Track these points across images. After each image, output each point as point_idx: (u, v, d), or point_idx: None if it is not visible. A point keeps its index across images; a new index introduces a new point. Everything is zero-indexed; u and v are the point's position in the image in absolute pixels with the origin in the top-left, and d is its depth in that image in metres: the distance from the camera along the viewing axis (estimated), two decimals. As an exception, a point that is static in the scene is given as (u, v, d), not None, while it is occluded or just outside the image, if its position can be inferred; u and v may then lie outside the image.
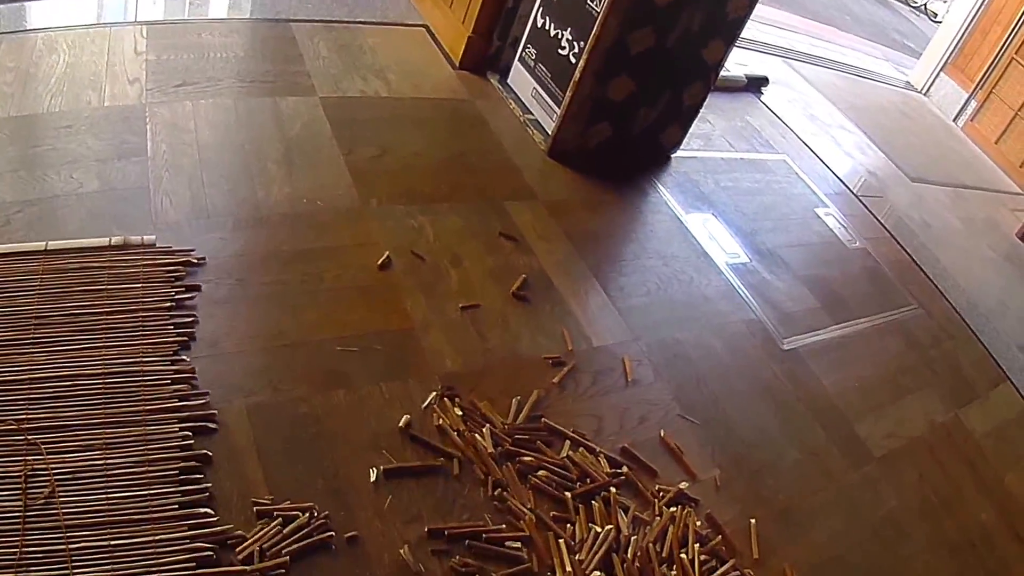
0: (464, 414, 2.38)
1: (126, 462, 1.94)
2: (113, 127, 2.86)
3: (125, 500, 1.87)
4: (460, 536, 2.08)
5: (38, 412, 1.98)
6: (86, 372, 2.10)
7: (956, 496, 2.98)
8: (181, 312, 2.35)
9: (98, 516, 1.82)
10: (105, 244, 2.46)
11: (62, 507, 1.81)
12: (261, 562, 1.85)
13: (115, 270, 2.40)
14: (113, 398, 2.07)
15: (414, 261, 2.84)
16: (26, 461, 1.87)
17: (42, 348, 2.13)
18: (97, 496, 1.86)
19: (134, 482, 1.91)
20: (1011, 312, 4.47)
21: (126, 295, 2.34)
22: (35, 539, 1.75)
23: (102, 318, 2.25)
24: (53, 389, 2.04)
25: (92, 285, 2.33)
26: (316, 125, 3.25)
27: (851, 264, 4.09)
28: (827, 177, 4.78)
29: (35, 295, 2.25)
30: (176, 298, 2.38)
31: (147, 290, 2.37)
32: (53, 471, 1.87)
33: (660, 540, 2.29)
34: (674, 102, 3.84)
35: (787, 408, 2.99)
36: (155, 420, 2.05)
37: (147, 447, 1.99)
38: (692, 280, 3.39)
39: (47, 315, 2.21)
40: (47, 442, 1.92)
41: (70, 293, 2.29)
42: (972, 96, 6.70)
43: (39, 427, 1.95)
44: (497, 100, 3.92)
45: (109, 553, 1.76)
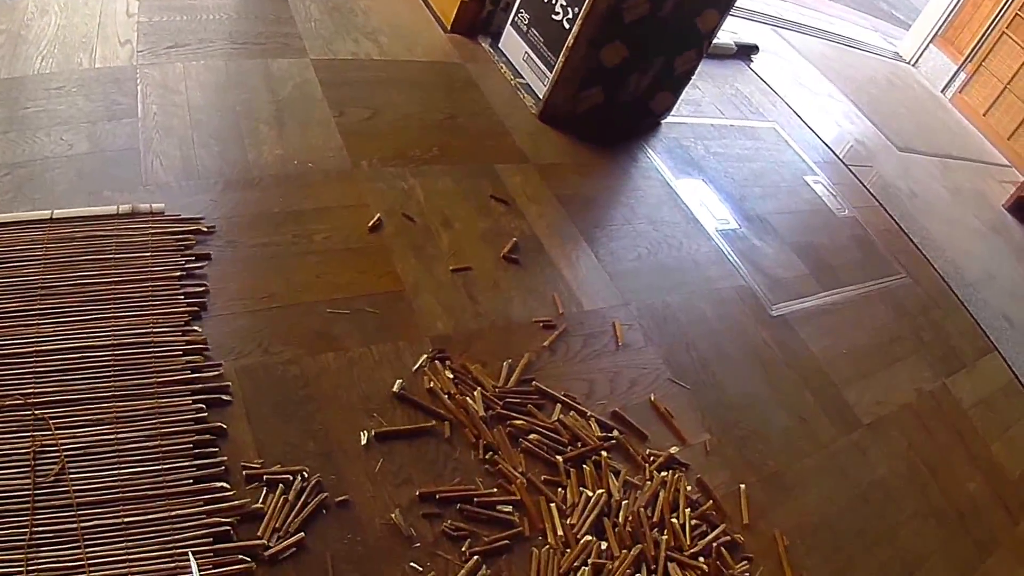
0: (455, 377, 2.36)
1: (138, 436, 1.90)
2: (104, 88, 2.81)
3: (138, 476, 1.84)
4: (451, 500, 2.07)
5: (46, 386, 1.93)
6: (95, 344, 2.05)
7: (944, 464, 2.99)
8: (191, 281, 2.31)
9: (110, 493, 1.79)
10: (112, 212, 2.40)
11: (72, 484, 1.77)
12: (279, 540, 1.84)
13: (123, 239, 2.34)
14: (123, 370, 2.02)
15: (405, 223, 2.81)
16: (34, 437, 1.83)
17: (49, 319, 2.08)
18: (109, 472, 1.82)
19: (147, 457, 1.87)
20: (997, 282, 4.48)
21: (135, 264, 2.29)
22: (46, 518, 1.71)
23: (110, 288, 2.20)
24: (61, 362, 1.99)
25: (99, 254, 2.27)
26: (307, 87, 3.20)
27: (840, 232, 4.08)
28: (816, 145, 4.77)
29: (40, 265, 2.19)
30: (186, 267, 2.34)
31: (156, 259, 2.32)
32: (62, 447, 1.83)
33: (651, 505, 2.29)
34: (666, 69, 3.80)
35: (776, 374, 2.99)
36: (167, 392, 2.01)
37: (160, 420, 1.95)
38: (682, 245, 3.37)
39: (53, 285, 2.15)
40: (56, 417, 1.88)
41: (77, 263, 2.23)
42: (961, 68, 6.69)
43: (47, 401, 1.90)
44: (488, 64, 3.88)
45: (123, 530, 1.73)
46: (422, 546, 1.97)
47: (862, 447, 2.88)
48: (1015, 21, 6.25)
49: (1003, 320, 4.08)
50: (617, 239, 3.23)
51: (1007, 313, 4.18)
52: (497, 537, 2.05)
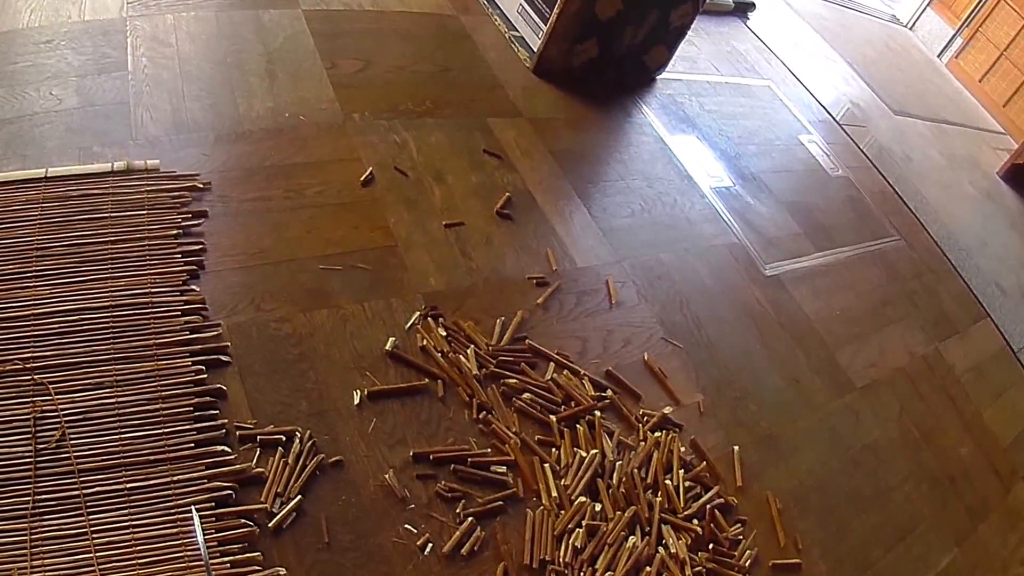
0: (448, 335, 2.33)
1: (138, 400, 1.88)
2: (93, 41, 2.74)
3: (139, 440, 1.81)
4: (445, 460, 2.05)
5: (44, 349, 1.90)
6: (92, 306, 2.01)
7: (936, 429, 2.99)
8: (188, 240, 2.26)
9: (111, 458, 1.76)
10: (107, 169, 2.34)
11: (73, 450, 1.74)
12: (281, 505, 1.83)
13: (118, 197, 2.28)
14: (122, 332, 1.99)
15: (397, 177, 2.76)
16: (34, 403, 1.79)
17: (45, 281, 2.03)
18: (109, 437, 1.80)
19: (147, 421, 1.85)
20: (990, 249, 4.47)
21: (131, 223, 2.23)
22: (48, 485, 1.69)
23: (107, 248, 2.15)
24: (58, 324, 1.95)
25: (95, 213, 2.22)
26: (299, 38, 3.13)
27: (833, 192, 4.06)
28: (811, 104, 4.73)
29: (36, 225, 2.14)
30: (183, 225, 2.29)
31: (152, 217, 2.27)
32: (63, 412, 1.80)
33: (645, 466, 2.28)
34: (661, 22, 3.74)
35: (769, 334, 2.97)
36: (166, 354, 1.98)
37: (159, 383, 1.92)
38: (676, 202, 3.34)
39: (49, 246, 2.10)
40: (54, 381, 1.84)
41: (73, 222, 2.18)
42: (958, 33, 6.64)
43: (45, 366, 1.87)
44: (482, 16, 3.81)
45: (125, 496, 1.71)
46: (416, 507, 1.95)
47: (855, 410, 2.87)
48: (1013, -12, 6.21)
49: (995, 287, 4.07)
50: (611, 195, 3.19)
51: (999, 280, 4.17)
52: (491, 498, 2.03)
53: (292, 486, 1.86)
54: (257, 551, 1.73)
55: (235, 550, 1.72)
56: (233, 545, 1.72)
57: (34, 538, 1.60)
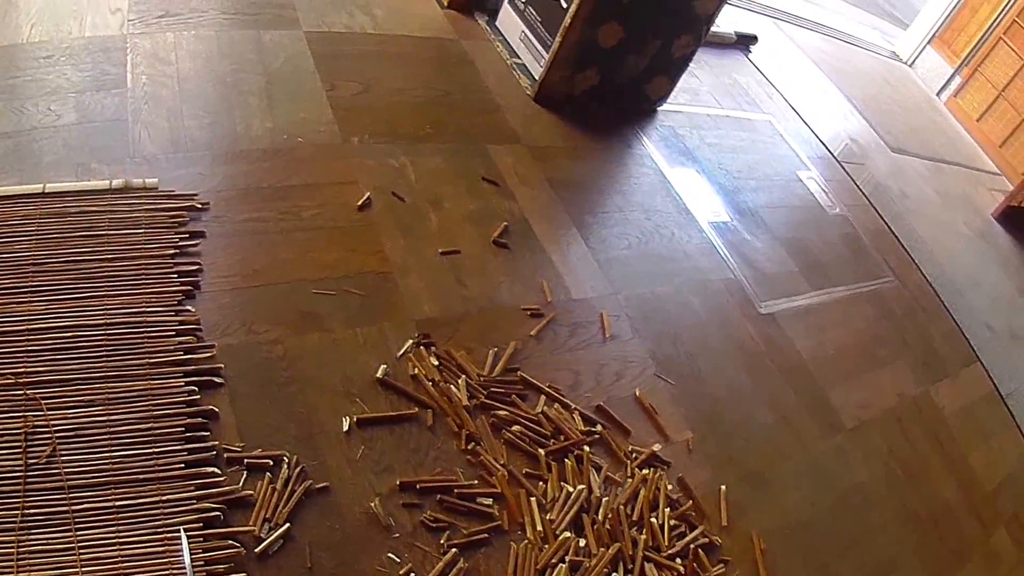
0: (440, 363, 2.33)
1: (130, 418, 1.87)
2: (93, 58, 2.74)
3: (129, 458, 1.81)
4: (432, 490, 2.05)
5: (37, 365, 1.89)
6: (87, 323, 2.01)
7: (922, 471, 3.00)
8: (185, 259, 2.26)
9: (101, 475, 1.76)
10: (105, 187, 2.34)
11: (64, 467, 1.74)
12: (270, 531, 1.82)
13: (116, 214, 2.29)
14: (115, 350, 1.99)
15: (394, 202, 2.76)
16: (26, 417, 1.79)
17: (40, 296, 2.03)
18: (100, 454, 1.80)
19: (138, 440, 1.85)
20: (982, 289, 4.48)
21: (128, 241, 2.24)
22: (37, 499, 1.68)
23: (103, 265, 2.15)
24: (52, 340, 1.95)
25: (92, 230, 2.22)
26: (299, 59, 3.13)
27: (830, 230, 4.06)
28: (810, 140, 4.74)
29: (32, 241, 2.14)
30: (179, 244, 2.29)
31: (149, 236, 2.27)
32: (54, 428, 1.79)
33: (631, 502, 2.27)
34: (663, 52, 3.76)
35: (761, 372, 2.97)
36: (159, 374, 1.98)
37: (151, 403, 1.92)
38: (673, 236, 3.34)
39: (45, 261, 2.10)
40: (47, 397, 1.84)
41: (69, 239, 2.18)
42: (957, 72, 6.66)
43: (38, 381, 1.87)
44: (484, 41, 3.82)
45: (113, 514, 1.71)
46: (400, 536, 1.95)
47: (843, 450, 2.87)
48: (1012, 27, 6.21)
49: (986, 329, 4.08)
50: (608, 227, 3.19)
51: (989, 321, 4.18)
52: (476, 530, 2.03)
53: (280, 511, 1.86)
54: (243, 573, 1.73)
55: (221, 571, 1.71)
56: (219, 566, 1.72)
57: (21, 552, 1.59)
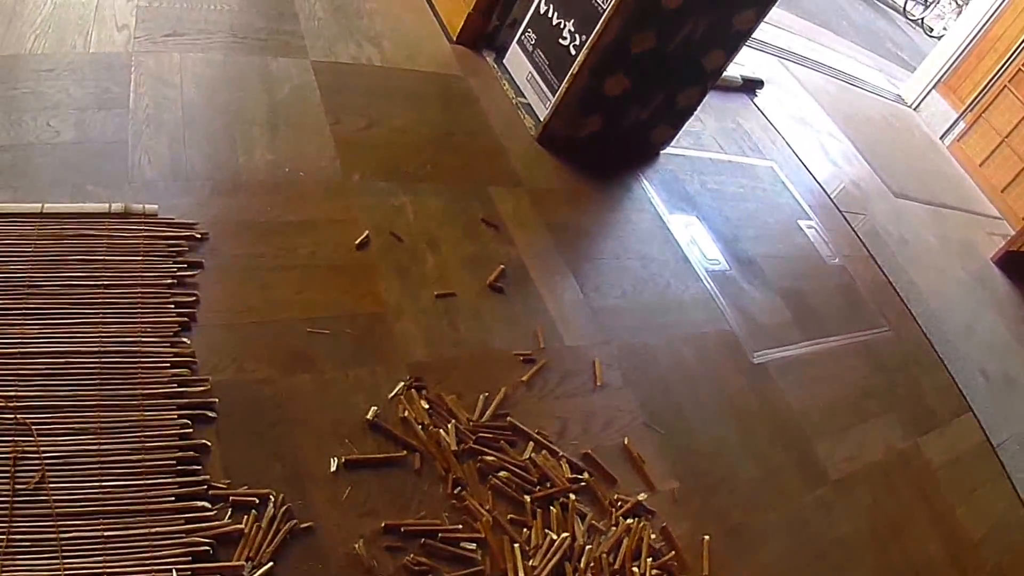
0: (430, 407, 2.36)
1: (121, 449, 1.88)
2: (96, 75, 2.77)
3: (119, 489, 1.81)
4: (416, 534, 2.07)
5: (29, 390, 1.90)
6: (81, 349, 2.02)
7: (907, 525, 3.01)
8: (182, 290, 2.27)
9: (90, 505, 1.77)
10: (104, 210, 2.35)
11: (53, 494, 1.74)
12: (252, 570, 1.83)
13: (114, 240, 2.30)
14: (109, 379, 1.99)
15: (392, 242, 2.80)
16: (16, 442, 1.80)
17: (35, 320, 2.04)
18: (90, 484, 1.80)
19: (129, 471, 1.85)
20: (977, 336, 4.50)
21: (125, 268, 2.25)
22: (24, 526, 1.69)
23: (99, 291, 2.16)
24: (46, 365, 1.96)
25: (89, 254, 2.23)
26: (305, 90, 3.17)
27: (827, 280, 4.09)
28: (813, 188, 4.77)
29: (29, 262, 2.14)
30: (177, 274, 2.30)
31: (147, 264, 2.28)
32: (44, 455, 1.80)
33: (614, 551, 2.29)
34: (667, 103, 3.80)
35: (750, 424, 2.99)
36: (152, 405, 1.98)
37: (144, 434, 1.92)
38: (669, 285, 3.37)
39: (41, 284, 2.11)
40: (38, 423, 1.85)
41: (66, 262, 2.19)
42: (961, 117, 6.71)
43: (30, 406, 1.87)
44: (491, 79, 3.86)
45: (101, 545, 1.71)
46: (382, 579, 1.97)
47: (827, 503, 2.88)
48: (1017, 76, 6.28)
49: (979, 376, 4.10)
50: (604, 273, 3.22)
51: (984, 367, 4.20)
52: (458, 575, 2.04)
53: (264, 550, 1.87)
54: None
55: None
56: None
57: (5, 579, 1.60)
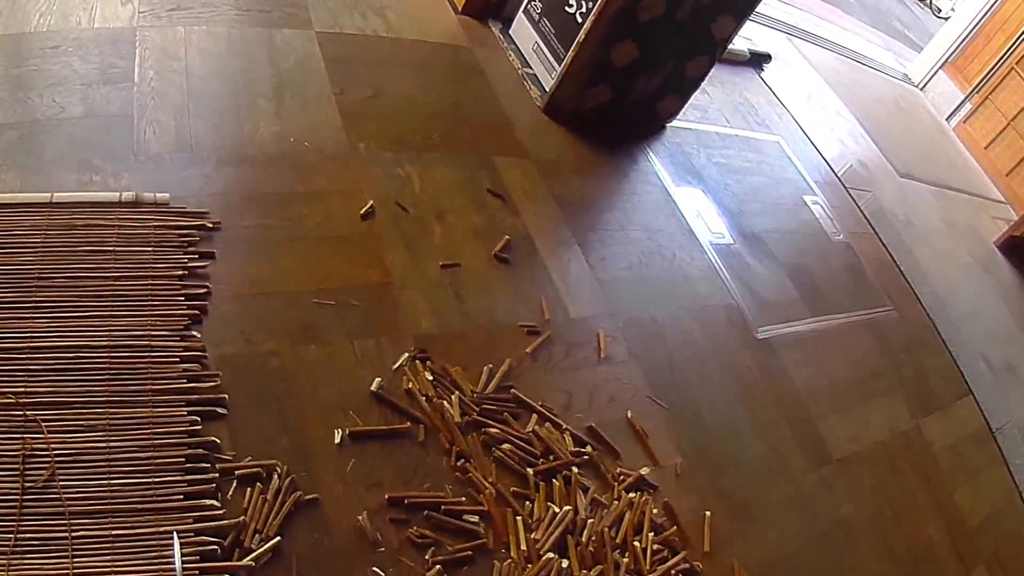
0: (434, 379, 2.35)
1: (130, 446, 1.84)
2: (101, 50, 2.73)
3: (127, 487, 1.78)
4: (419, 506, 2.07)
5: (38, 385, 1.86)
6: (90, 344, 1.97)
7: (908, 507, 3.01)
8: (193, 282, 2.23)
9: (99, 503, 1.74)
10: (115, 199, 2.30)
11: (63, 491, 1.72)
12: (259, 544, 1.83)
13: (124, 230, 2.24)
14: (118, 375, 1.95)
15: (398, 213, 2.78)
16: (25, 439, 1.77)
17: (44, 313, 1.99)
18: (98, 482, 1.77)
19: (138, 468, 1.82)
20: (981, 319, 4.50)
21: (135, 259, 2.20)
22: (32, 524, 1.66)
23: (109, 283, 2.11)
24: (55, 361, 1.92)
25: (99, 245, 2.18)
26: (310, 61, 3.13)
27: (833, 257, 4.08)
28: (819, 164, 4.75)
29: (39, 253, 2.09)
30: (189, 266, 2.25)
31: (158, 255, 2.23)
32: (53, 451, 1.77)
33: (616, 525, 2.29)
34: (676, 73, 3.77)
35: (755, 400, 2.99)
36: (162, 402, 1.95)
37: (153, 431, 1.89)
38: (675, 257, 3.36)
39: (50, 276, 2.06)
40: (47, 419, 1.82)
41: (75, 253, 2.13)
42: (968, 99, 6.67)
43: (39, 403, 1.84)
44: (497, 50, 3.83)
45: (109, 543, 1.69)
46: (386, 551, 1.97)
47: (830, 483, 2.88)
48: (1026, 59, 6.25)
49: (982, 361, 4.10)
50: (610, 245, 3.21)
51: (986, 353, 4.19)
52: (461, 547, 2.05)
53: (271, 523, 1.87)
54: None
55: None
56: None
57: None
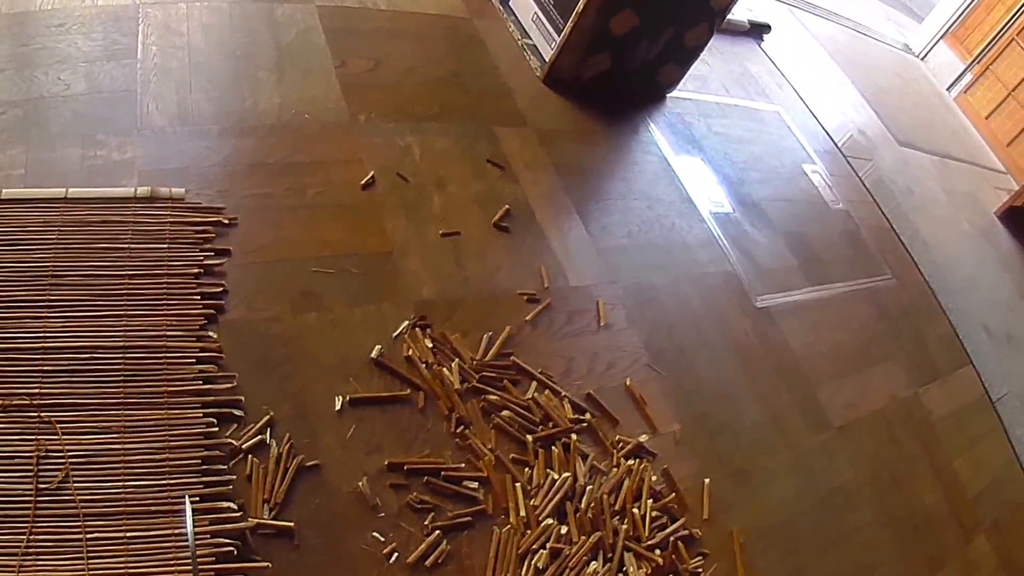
0: (434, 346, 2.36)
1: (145, 448, 1.83)
2: (104, 27, 2.74)
3: (142, 489, 1.77)
4: (419, 472, 2.09)
5: (53, 386, 1.85)
6: (105, 344, 1.95)
7: (907, 475, 3.03)
8: (209, 280, 2.23)
9: (113, 505, 1.72)
10: (130, 195, 2.28)
11: (77, 493, 1.71)
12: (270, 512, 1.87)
13: (139, 227, 2.23)
14: (133, 376, 1.93)
15: (398, 182, 2.78)
16: (39, 440, 1.75)
17: (58, 312, 1.97)
18: (113, 483, 1.76)
19: (153, 470, 1.80)
20: (980, 289, 4.50)
21: (151, 256, 2.18)
22: (46, 525, 1.66)
23: (124, 282, 2.10)
24: (69, 361, 1.90)
25: (114, 242, 2.16)
26: (311, 34, 3.13)
27: (832, 225, 4.08)
28: (818, 134, 4.74)
29: (52, 250, 2.08)
30: (204, 263, 2.23)
31: (173, 252, 2.21)
32: (68, 453, 1.75)
33: (615, 492, 2.31)
34: (676, 41, 3.75)
35: (754, 367, 3.00)
36: (177, 403, 1.93)
37: (168, 433, 1.87)
38: (674, 225, 3.36)
39: (64, 274, 2.04)
40: (61, 421, 1.80)
41: (90, 251, 2.12)
42: (968, 69, 6.64)
43: (53, 404, 1.82)
44: (496, 21, 3.82)
45: (124, 545, 1.68)
46: (386, 516, 1.99)
47: (830, 450, 2.90)
48: (1026, 29, 6.23)
49: (982, 330, 4.10)
50: (610, 214, 3.21)
51: (986, 322, 4.20)
52: (460, 513, 2.07)
53: (278, 490, 1.90)
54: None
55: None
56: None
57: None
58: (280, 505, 1.88)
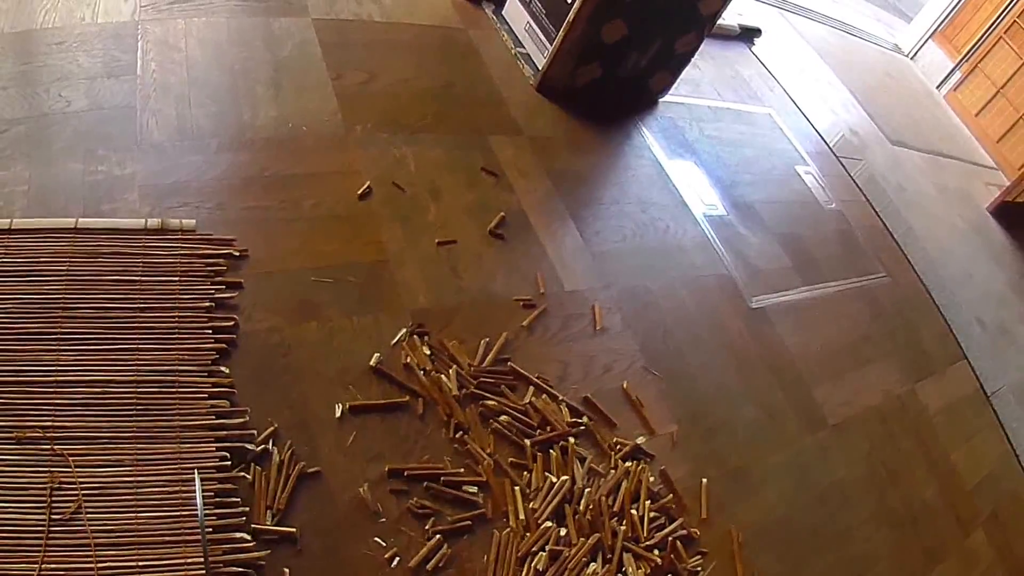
0: (432, 353, 2.39)
1: (157, 480, 1.83)
2: (104, 44, 2.77)
3: (155, 521, 1.77)
4: (419, 477, 2.12)
5: (66, 420, 1.85)
6: (117, 378, 1.96)
7: (903, 470, 3.05)
8: (221, 314, 2.22)
9: (125, 536, 1.73)
10: (140, 226, 2.28)
11: (89, 524, 1.71)
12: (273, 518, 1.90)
13: (150, 259, 2.23)
14: (146, 410, 1.94)
15: (394, 192, 2.82)
16: (52, 472, 1.76)
17: (70, 345, 1.98)
18: (125, 515, 1.76)
19: (165, 503, 1.81)
20: (974, 284, 4.53)
21: (162, 289, 2.18)
22: (58, 556, 1.66)
23: (135, 315, 2.10)
24: (81, 395, 1.90)
25: (125, 275, 2.17)
26: (307, 47, 3.17)
27: (825, 225, 4.11)
28: (810, 135, 4.77)
29: (63, 281, 2.09)
30: (216, 297, 2.24)
31: (185, 285, 2.22)
32: (81, 485, 1.76)
33: (613, 494, 2.34)
34: (665, 49, 3.79)
35: (749, 367, 3.03)
36: (190, 438, 1.92)
37: (181, 466, 1.87)
38: (668, 229, 3.39)
39: (76, 306, 2.05)
40: (74, 454, 1.81)
41: (101, 283, 2.13)
42: (957, 67, 6.69)
43: (67, 437, 1.83)
44: (490, 31, 3.85)
45: (137, 575, 1.69)
46: (387, 521, 2.02)
47: (825, 447, 2.93)
48: (1013, 27, 6.25)
49: (976, 324, 4.13)
50: (604, 219, 3.24)
51: (980, 316, 4.23)
52: (460, 517, 2.10)
53: (280, 497, 1.93)
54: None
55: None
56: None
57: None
58: (282, 511, 1.91)
